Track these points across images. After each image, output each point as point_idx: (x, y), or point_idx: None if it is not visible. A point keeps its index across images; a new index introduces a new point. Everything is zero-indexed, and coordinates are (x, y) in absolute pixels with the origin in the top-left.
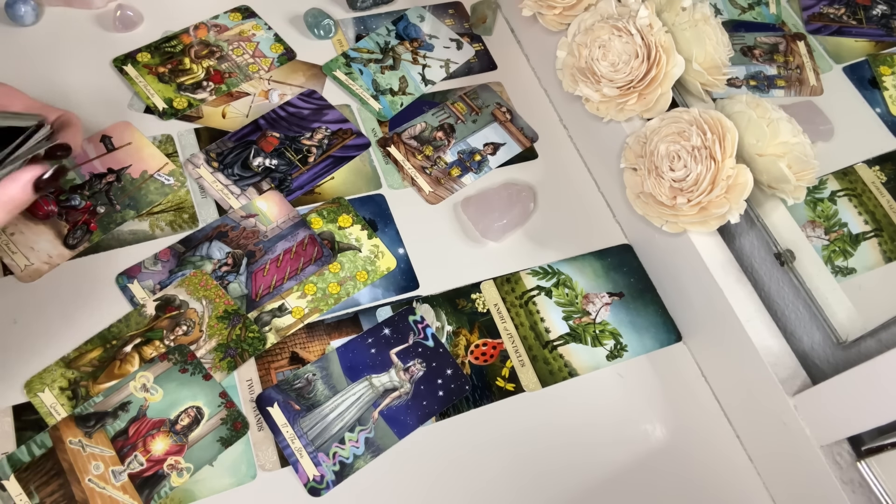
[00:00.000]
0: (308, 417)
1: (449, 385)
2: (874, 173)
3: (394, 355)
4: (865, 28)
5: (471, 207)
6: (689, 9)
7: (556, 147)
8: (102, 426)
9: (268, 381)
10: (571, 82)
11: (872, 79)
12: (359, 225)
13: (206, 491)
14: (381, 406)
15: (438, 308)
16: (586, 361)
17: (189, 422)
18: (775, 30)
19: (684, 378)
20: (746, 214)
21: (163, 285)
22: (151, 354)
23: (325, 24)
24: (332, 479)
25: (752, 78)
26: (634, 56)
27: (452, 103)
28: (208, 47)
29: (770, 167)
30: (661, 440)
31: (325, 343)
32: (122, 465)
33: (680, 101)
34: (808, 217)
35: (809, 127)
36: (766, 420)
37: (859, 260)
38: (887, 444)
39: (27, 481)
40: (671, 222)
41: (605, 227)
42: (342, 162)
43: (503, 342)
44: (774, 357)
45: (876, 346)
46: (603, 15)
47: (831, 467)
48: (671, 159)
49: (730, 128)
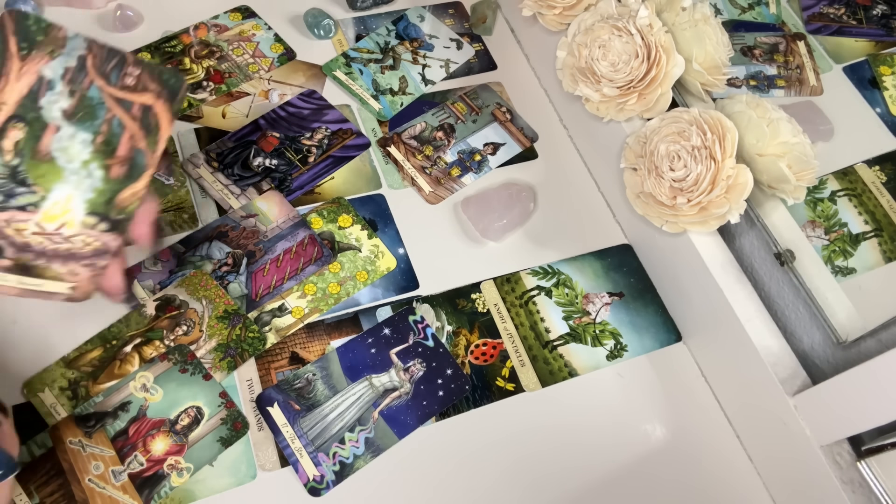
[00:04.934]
0: (308, 417)
1: (449, 385)
2: (874, 173)
3: (394, 355)
4: (865, 28)
5: (471, 207)
6: (689, 9)
7: (556, 147)
8: (102, 426)
9: (268, 381)
10: (571, 82)
11: (872, 79)
12: (359, 225)
13: (206, 491)
14: (381, 406)
15: (438, 308)
16: (586, 361)
17: (189, 422)
18: (775, 30)
19: (684, 378)
20: (746, 214)
21: (163, 285)
22: (151, 354)
23: (325, 24)
24: (332, 479)
25: (752, 78)
26: (634, 56)
27: (452, 103)
28: (208, 47)
29: (770, 167)
30: (660, 440)
31: (325, 343)
32: (122, 465)
33: (680, 101)
34: (808, 217)
35: (809, 127)
36: (766, 420)
37: (859, 260)
38: (887, 444)
39: (27, 481)
40: (671, 222)
41: (605, 227)
42: (342, 162)
43: (503, 342)
44: (774, 357)
45: (876, 346)
46: (603, 15)
47: (831, 467)
48: (671, 159)
49: (730, 128)
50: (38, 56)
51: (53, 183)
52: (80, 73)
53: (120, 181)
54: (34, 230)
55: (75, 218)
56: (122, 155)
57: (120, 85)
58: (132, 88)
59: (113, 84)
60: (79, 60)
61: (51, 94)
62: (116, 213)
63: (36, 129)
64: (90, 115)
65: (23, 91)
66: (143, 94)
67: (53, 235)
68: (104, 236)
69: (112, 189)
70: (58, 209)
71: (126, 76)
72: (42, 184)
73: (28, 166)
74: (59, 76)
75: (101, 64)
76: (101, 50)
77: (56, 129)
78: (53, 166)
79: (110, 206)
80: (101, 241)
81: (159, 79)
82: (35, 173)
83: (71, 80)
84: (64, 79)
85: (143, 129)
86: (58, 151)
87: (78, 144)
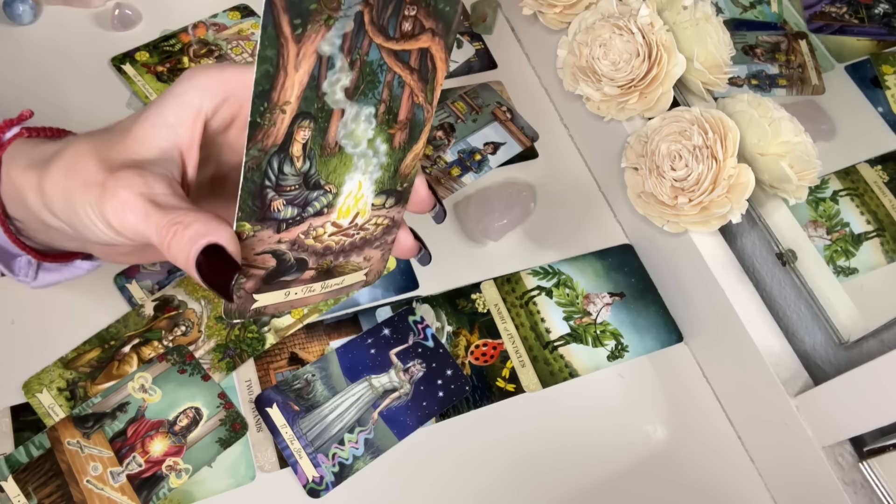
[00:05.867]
0: (307, 418)
1: (449, 386)
2: (876, 173)
3: (393, 356)
4: (867, 27)
5: (471, 207)
6: (691, 7)
7: (557, 146)
8: (101, 427)
9: (267, 382)
10: (572, 81)
11: (875, 78)
12: None
13: (205, 492)
14: (380, 407)
15: (438, 308)
16: (587, 362)
17: (188, 423)
18: (777, 29)
19: (685, 378)
20: (748, 214)
21: (161, 285)
22: (150, 355)
23: None
24: (332, 480)
25: (753, 77)
26: (635, 55)
27: (452, 102)
28: (207, 46)
29: (772, 167)
30: (661, 441)
31: (325, 343)
32: (121, 466)
33: (681, 101)
34: (809, 217)
35: (811, 126)
36: (768, 421)
37: (861, 260)
38: (889, 445)
39: (25, 482)
40: (672, 222)
41: (606, 226)
42: None
43: (503, 342)
44: (776, 357)
45: (878, 347)
46: (604, 14)
47: (833, 468)
48: (672, 159)
49: (731, 127)
50: (314, 31)
51: (344, 175)
52: (359, 35)
53: (403, 148)
54: (331, 231)
55: (367, 203)
56: (404, 118)
57: (398, 35)
58: (410, 35)
59: (392, 37)
60: (356, 19)
61: (332, 73)
62: (401, 183)
63: (322, 121)
64: (371, 84)
65: (303, 81)
66: (421, 37)
67: (349, 229)
68: (392, 211)
69: (397, 159)
70: (350, 201)
71: (403, 21)
72: (334, 180)
73: (318, 166)
74: (338, 48)
75: (378, 15)
76: None
77: (341, 113)
78: (343, 156)
79: (396, 178)
80: (389, 217)
81: (435, 11)
82: (326, 171)
83: (349, 48)
84: (343, 49)
85: (420, 80)
86: (345, 139)
87: (363, 124)
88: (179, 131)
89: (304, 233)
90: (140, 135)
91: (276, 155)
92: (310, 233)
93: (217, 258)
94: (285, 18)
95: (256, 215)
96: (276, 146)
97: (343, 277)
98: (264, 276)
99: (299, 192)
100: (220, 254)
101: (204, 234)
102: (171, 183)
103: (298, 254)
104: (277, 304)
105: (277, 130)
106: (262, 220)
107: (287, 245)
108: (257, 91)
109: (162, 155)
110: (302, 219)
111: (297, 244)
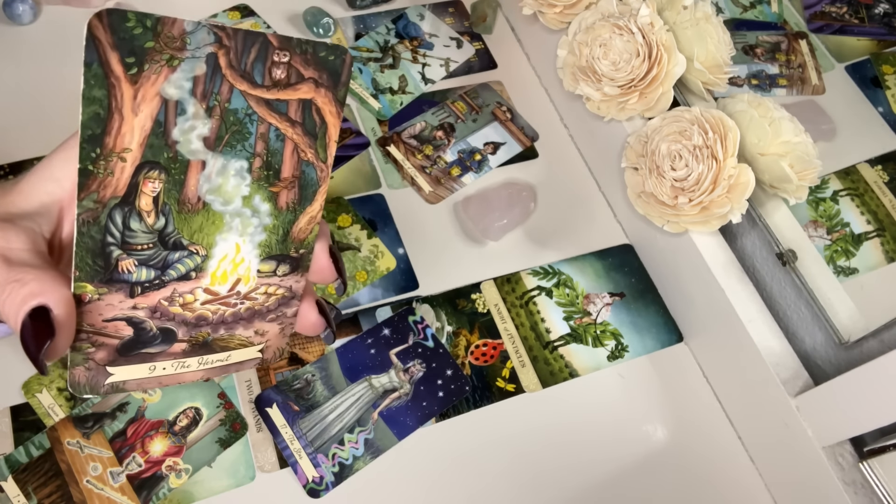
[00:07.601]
0: (307, 418)
1: (449, 386)
2: (876, 173)
3: (393, 356)
4: (868, 27)
5: (471, 207)
6: (691, 7)
7: (557, 146)
8: (101, 427)
9: (267, 382)
10: (572, 81)
11: (875, 78)
12: (358, 224)
13: (205, 492)
14: (380, 407)
15: (438, 308)
16: (587, 362)
17: (187, 423)
18: (777, 28)
19: (685, 379)
20: (748, 214)
21: None
22: None
23: (324, 23)
24: (332, 480)
25: (753, 77)
26: (635, 55)
27: (452, 102)
28: None
29: (772, 166)
30: (662, 441)
31: (325, 344)
32: (121, 466)
33: (681, 100)
34: (810, 217)
35: (811, 126)
36: (768, 421)
37: (861, 260)
38: (890, 445)
39: (25, 482)
40: (672, 222)
41: (606, 226)
42: (341, 161)
43: (503, 342)
44: (776, 357)
45: (878, 347)
46: (604, 13)
47: (833, 468)
48: (672, 159)
49: (731, 127)
50: (153, 71)
51: (214, 235)
52: (214, 79)
53: (292, 209)
54: (204, 299)
55: (250, 269)
56: (289, 175)
57: (268, 83)
58: (284, 83)
59: (259, 84)
60: (208, 61)
61: (183, 119)
62: (296, 248)
63: (176, 173)
64: (239, 136)
65: (146, 126)
66: (299, 86)
67: (229, 298)
68: (287, 280)
69: (286, 221)
70: (227, 265)
71: (273, 68)
72: (200, 240)
73: (178, 223)
74: (188, 92)
75: (238, 59)
76: (233, 39)
77: (201, 165)
78: (209, 214)
79: (287, 242)
80: (284, 287)
81: (316, 59)
82: (189, 230)
83: (204, 92)
84: (195, 94)
85: (306, 133)
86: (210, 195)
87: (232, 178)
88: (64, 185)
89: (166, 299)
90: (26, 188)
91: (117, 208)
92: (175, 299)
93: (41, 321)
94: (114, 56)
95: (100, 276)
96: (118, 198)
97: (228, 353)
98: (119, 347)
99: (154, 252)
100: (46, 317)
101: (36, 295)
102: (35, 239)
103: (163, 323)
104: (140, 381)
105: (117, 180)
106: (109, 282)
107: (146, 312)
108: (85, 135)
109: (40, 209)
110: (162, 283)
111: (159, 311)
